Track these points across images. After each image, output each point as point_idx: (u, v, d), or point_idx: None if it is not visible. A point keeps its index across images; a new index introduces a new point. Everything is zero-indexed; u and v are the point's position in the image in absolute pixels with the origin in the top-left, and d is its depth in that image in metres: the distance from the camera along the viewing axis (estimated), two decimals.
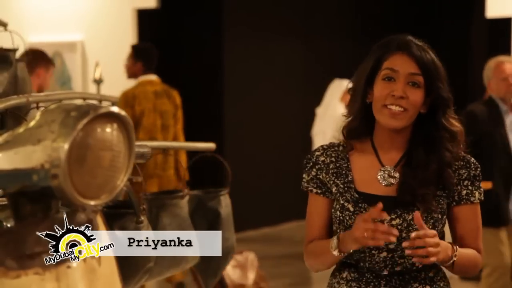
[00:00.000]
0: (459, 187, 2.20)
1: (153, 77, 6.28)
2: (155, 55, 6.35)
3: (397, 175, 2.19)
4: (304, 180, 2.28)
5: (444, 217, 2.18)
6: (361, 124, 2.23)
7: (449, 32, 10.52)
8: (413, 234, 2.02)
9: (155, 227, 3.04)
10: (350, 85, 2.29)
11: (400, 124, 2.15)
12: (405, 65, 2.16)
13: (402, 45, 2.19)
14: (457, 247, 2.15)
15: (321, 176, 2.25)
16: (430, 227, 2.13)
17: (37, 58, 5.26)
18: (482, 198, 2.23)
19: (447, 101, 2.20)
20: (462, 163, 2.21)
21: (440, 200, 2.18)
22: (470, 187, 2.20)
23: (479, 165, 2.23)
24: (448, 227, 2.26)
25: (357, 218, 2.08)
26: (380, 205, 2.03)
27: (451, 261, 2.14)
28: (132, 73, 6.31)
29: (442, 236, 2.20)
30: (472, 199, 2.21)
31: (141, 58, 6.27)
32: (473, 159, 2.24)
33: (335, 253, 2.13)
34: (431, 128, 2.19)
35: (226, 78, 8.74)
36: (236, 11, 9.12)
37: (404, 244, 2.03)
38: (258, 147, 8.18)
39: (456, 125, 2.21)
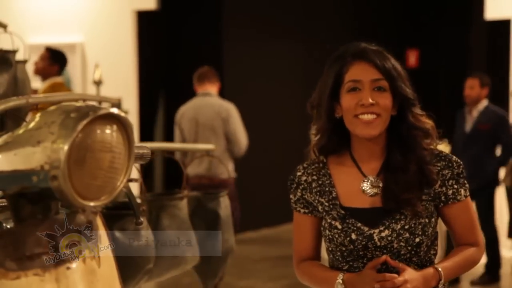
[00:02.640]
0: (444, 188, 2.18)
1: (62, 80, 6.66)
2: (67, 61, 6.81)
3: (380, 184, 2.18)
4: (291, 201, 2.28)
5: (433, 220, 2.17)
6: (333, 140, 2.21)
7: (448, 34, 10.53)
8: (377, 286, 2.06)
9: (154, 228, 3.04)
10: (310, 104, 2.26)
11: (376, 132, 2.13)
12: (366, 72, 2.14)
13: (359, 54, 2.17)
14: (442, 270, 2.15)
15: (306, 196, 2.24)
16: (420, 232, 2.13)
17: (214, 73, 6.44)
18: (468, 195, 2.23)
19: (412, 100, 2.18)
20: (444, 163, 2.19)
21: (426, 204, 2.16)
22: (455, 186, 2.19)
23: (461, 163, 2.22)
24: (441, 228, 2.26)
25: (367, 272, 2.11)
26: (384, 257, 2.10)
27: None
28: (45, 74, 6.54)
29: (434, 239, 2.20)
30: (458, 197, 2.20)
31: (58, 61, 6.59)
32: (454, 157, 2.22)
33: None
34: (403, 129, 2.18)
35: (225, 79, 8.73)
36: (235, 12, 9.12)
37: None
38: (258, 148, 8.17)
39: (426, 121, 2.20)
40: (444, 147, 6.02)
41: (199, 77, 6.28)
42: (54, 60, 6.56)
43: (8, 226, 1.75)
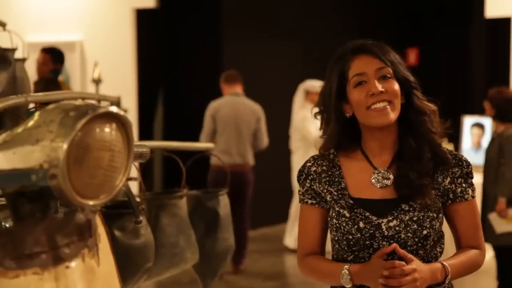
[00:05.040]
0: (453, 185, 2.20)
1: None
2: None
3: (391, 176, 2.19)
4: (300, 192, 2.29)
5: (440, 215, 2.19)
6: (343, 140, 2.22)
7: (448, 32, 10.52)
8: (386, 273, 2.06)
9: (154, 227, 3.04)
10: (316, 109, 2.28)
11: (390, 118, 2.15)
12: (369, 64, 2.17)
13: (358, 49, 2.20)
14: (449, 266, 2.15)
15: (315, 187, 2.25)
16: (427, 225, 2.14)
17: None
18: (475, 195, 2.25)
19: (415, 83, 2.21)
20: (454, 161, 2.22)
21: (436, 198, 2.18)
22: (463, 185, 2.21)
23: (470, 163, 2.25)
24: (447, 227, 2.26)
25: (375, 260, 2.10)
26: (393, 245, 2.10)
27: (444, 284, 2.16)
28: (47, 74, 6.53)
29: (440, 236, 2.21)
30: (466, 196, 2.22)
31: (59, 61, 6.62)
32: (464, 156, 2.25)
33: (349, 287, 2.14)
34: (411, 115, 2.20)
35: None
36: (235, 11, 9.12)
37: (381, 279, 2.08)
38: None
39: (430, 105, 2.23)
40: (444, 145, 6.02)
41: (228, 79, 7.25)
42: (56, 61, 6.58)
43: (7, 225, 1.75)
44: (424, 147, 2.18)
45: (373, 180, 2.20)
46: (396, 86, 2.16)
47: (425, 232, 2.14)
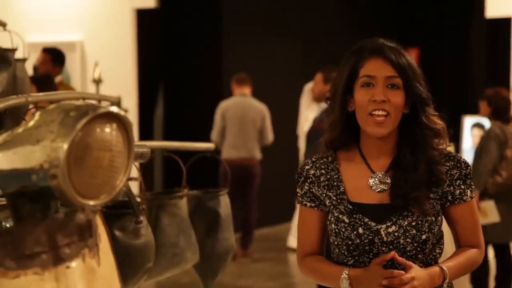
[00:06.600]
0: (452, 188, 2.20)
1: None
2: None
3: (388, 180, 2.19)
4: (298, 194, 2.28)
5: (439, 218, 2.19)
6: (344, 133, 2.22)
7: (448, 32, 10.53)
8: (385, 282, 2.07)
9: (154, 227, 3.04)
10: (328, 94, 2.29)
11: (386, 131, 2.15)
12: (381, 69, 2.16)
13: (375, 50, 2.18)
14: (447, 269, 2.16)
15: (313, 190, 2.25)
16: (426, 229, 2.14)
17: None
18: (473, 196, 2.25)
19: (425, 100, 2.20)
20: (452, 163, 2.21)
21: (434, 203, 2.18)
22: (462, 186, 2.21)
23: (469, 164, 2.25)
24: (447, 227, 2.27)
25: (374, 267, 2.11)
26: (392, 253, 2.11)
27: (443, 286, 2.18)
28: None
29: (440, 238, 2.21)
30: (465, 198, 2.22)
31: (60, 62, 6.66)
32: (463, 158, 2.25)
33: None
34: (415, 128, 2.19)
35: (225, 78, 8.74)
36: (236, 11, 9.12)
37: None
38: None
39: (438, 122, 2.21)
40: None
41: (238, 81, 7.99)
42: (56, 61, 6.59)
43: (8, 225, 1.75)
44: (421, 159, 2.17)
45: (371, 184, 2.20)
46: (400, 99, 2.15)
47: (424, 236, 2.14)
